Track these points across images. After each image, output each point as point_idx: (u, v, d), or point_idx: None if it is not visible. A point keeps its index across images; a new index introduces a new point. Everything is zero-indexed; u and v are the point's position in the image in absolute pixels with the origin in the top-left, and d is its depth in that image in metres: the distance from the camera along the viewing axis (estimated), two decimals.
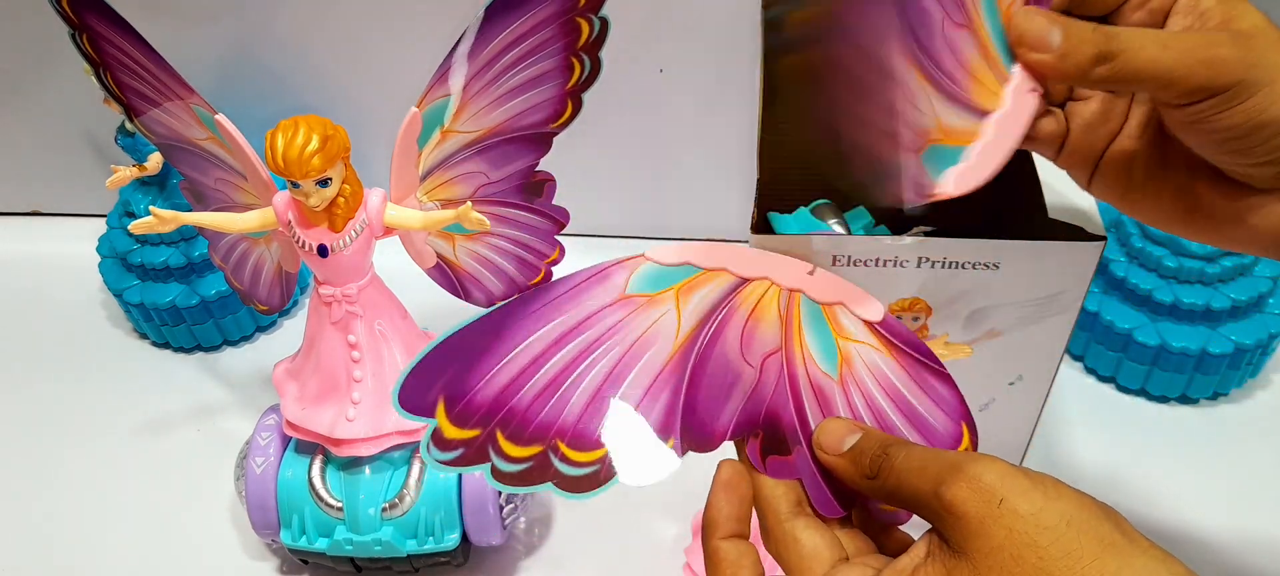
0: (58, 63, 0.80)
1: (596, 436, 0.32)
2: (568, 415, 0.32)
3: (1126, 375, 0.69)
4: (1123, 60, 0.30)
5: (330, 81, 0.79)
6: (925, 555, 0.28)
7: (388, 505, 0.55)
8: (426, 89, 0.49)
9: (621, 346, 0.33)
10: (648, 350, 0.33)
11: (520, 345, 0.32)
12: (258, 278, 0.60)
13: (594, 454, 0.32)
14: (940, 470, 0.28)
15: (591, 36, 0.47)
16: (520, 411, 0.31)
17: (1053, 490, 0.26)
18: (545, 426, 0.32)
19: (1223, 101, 0.30)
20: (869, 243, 0.51)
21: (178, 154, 0.54)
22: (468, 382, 0.32)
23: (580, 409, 0.32)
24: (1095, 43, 0.30)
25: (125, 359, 0.78)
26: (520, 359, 0.32)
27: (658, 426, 0.33)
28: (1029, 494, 0.26)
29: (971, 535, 0.26)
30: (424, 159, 0.51)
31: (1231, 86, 0.29)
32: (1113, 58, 0.30)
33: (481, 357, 0.32)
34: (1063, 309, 0.52)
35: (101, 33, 0.49)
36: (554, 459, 0.31)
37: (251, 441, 0.57)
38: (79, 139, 0.85)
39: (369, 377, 0.53)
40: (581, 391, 0.32)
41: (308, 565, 0.60)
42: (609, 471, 0.32)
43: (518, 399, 0.32)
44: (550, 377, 0.32)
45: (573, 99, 0.49)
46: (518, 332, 0.32)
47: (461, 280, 0.58)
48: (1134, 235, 0.68)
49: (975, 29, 0.31)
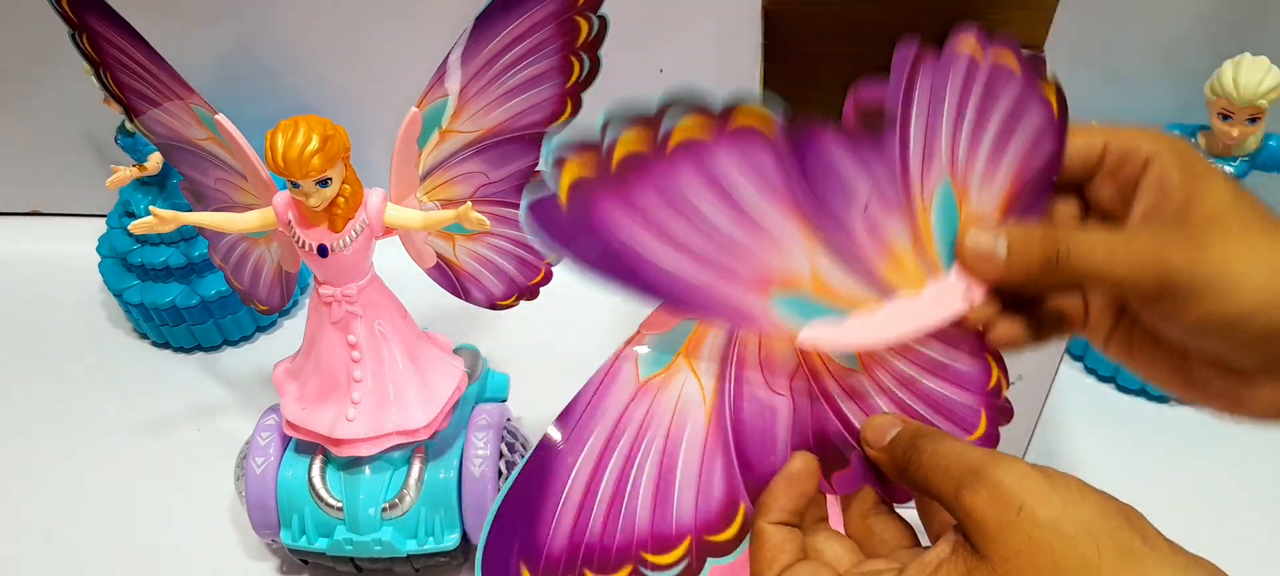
0: (58, 63, 0.80)
1: (674, 533, 0.31)
2: (640, 526, 0.31)
3: (1126, 375, 0.69)
4: (1071, 265, 0.29)
5: (330, 81, 0.79)
6: (950, 552, 0.27)
7: (388, 505, 0.55)
8: (426, 89, 0.49)
9: (660, 435, 0.31)
10: (685, 427, 0.32)
11: (569, 480, 0.30)
12: (258, 277, 0.60)
13: (678, 551, 0.31)
14: (961, 472, 0.28)
15: (590, 35, 0.47)
16: (597, 543, 0.30)
17: (1074, 494, 0.26)
18: (625, 547, 0.31)
19: (1178, 304, 0.29)
20: None
21: (178, 154, 0.54)
22: (538, 538, 0.30)
23: (649, 514, 0.31)
24: (1042, 250, 0.29)
25: (125, 359, 0.78)
26: (575, 493, 0.30)
27: (723, 497, 0.31)
28: (1048, 499, 0.26)
29: (990, 540, 0.26)
30: (424, 159, 0.51)
31: (1184, 290, 0.28)
32: (1060, 262, 0.29)
33: (540, 508, 0.30)
34: None
35: (101, 33, 0.49)
36: (646, 572, 0.31)
37: (251, 441, 0.57)
38: (79, 139, 0.85)
39: (369, 378, 0.53)
40: (643, 497, 0.31)
41: (308, 565, 0.60)
42: (698, 561, 0.31)
43: (589, 532, 0.30)
44: (609, 497, 0.31)
45: (572, 98, 0.49)
46: (561, 469, 0.31)
47: (461, 280, 0.58)
48: None
49: (914, 217, 0.30)
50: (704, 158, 0.26)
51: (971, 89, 0.31)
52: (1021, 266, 0.30)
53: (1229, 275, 0.28)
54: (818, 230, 0.29)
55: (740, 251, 0.28)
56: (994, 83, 0.31)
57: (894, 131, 0.29)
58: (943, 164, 0.30)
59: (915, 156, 0.30)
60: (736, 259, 0.28)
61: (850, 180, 0.28)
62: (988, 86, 0.31)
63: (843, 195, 0.28)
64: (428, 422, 0.54)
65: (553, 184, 0.24)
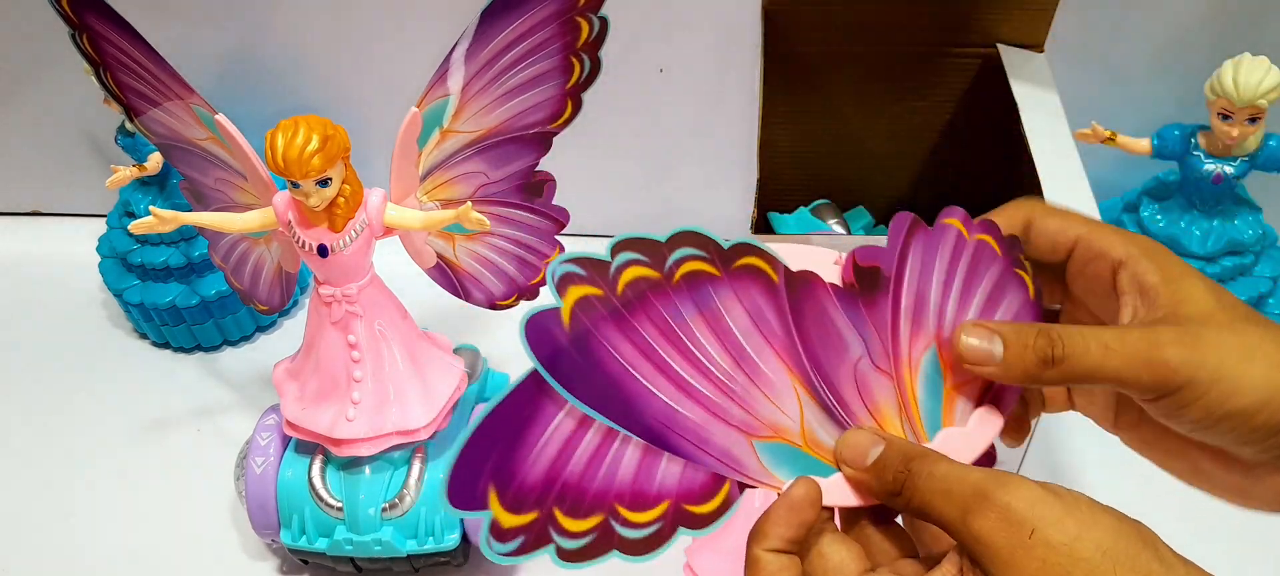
0: (58, 63, 0.80)
1: (654, 493, 0.30)
2: (621, 478, 0.30)
3: None
4: (1068, 365, 0.29)
5: (330, 81, 0.79)
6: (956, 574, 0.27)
7: (388, 505, 0.55)
8: (426, 89, 0.48)
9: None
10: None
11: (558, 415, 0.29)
12: (258, 278, 0.60)
13: (654, 513, 0.30)
14: (966, 496, 0.27)
15: (591, 36, 0.47)
16: (573, 483, 0.29)
17: (1087, 515, 0.26)
18: (601, 494, 0.30)
19: (1176, 401, 0.29)
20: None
21: (178, 154, 0.54)
22: (514, 464, 0.29)
23: (634, 470, 0.30)
24: (1039, 349, 0.29)
25: (125, 359, 0.77)
26: (562, 430, 0.29)
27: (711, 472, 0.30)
28: (1062, 523, 0.25)
29: (1002, 565, 0.25)
30: (424, 159, 0.51)
31: (1181, 387, 0.28)
32: (1058, 363, 0.29)
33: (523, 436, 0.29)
34: None
35: (101, 33, 0.49)
36: (616, 525, 0.30)
37: (251, 441, 0.57)
38: (79, 139, 0.85)
39: (369, 378, 0.53)
40: (631, 450, 0.30)
41: (308, 565, 0.60)
42: (670, 528, 0.30)
43: (568, 471, 0.29)
44: (597, 444, 0.30)
45: (573, 99, 0.49)
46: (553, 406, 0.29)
47: (461, 280, 0.58)
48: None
49: (902, 382, 0.31)
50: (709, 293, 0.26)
51: (959, 262, 0.31)
52: (1020, 367, 0.30)
53: (1227, 373, 0.28)
54: (809, 382, 0.29)
55: (734, 393, 0.29)
56: (978, 259, 0.32)
57: (887, 294, 0.30)
58: (930, 332, 0.31)
59: (905, 321, 0.30)
60: (730, 400, 0.29)
61: (844, 335, 0.29)
62: (973, 262, 0.32)
63: (836, 349, 0.29)
64: (428, 422, 0.54)
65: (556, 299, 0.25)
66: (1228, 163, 0.64)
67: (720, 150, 0.78)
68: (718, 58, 0.73)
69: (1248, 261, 0.67)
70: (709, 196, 0.82)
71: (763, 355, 0.28)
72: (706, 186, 0.82)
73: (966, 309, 0.32)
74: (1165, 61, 0.72)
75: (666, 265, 0.26)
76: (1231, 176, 0.64)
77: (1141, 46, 0.72)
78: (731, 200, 0.73)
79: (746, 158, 0.54)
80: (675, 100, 0.76)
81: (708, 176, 0.81)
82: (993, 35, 0.63)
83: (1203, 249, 0.66)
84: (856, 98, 0.69)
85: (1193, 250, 0.66)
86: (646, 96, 0.76)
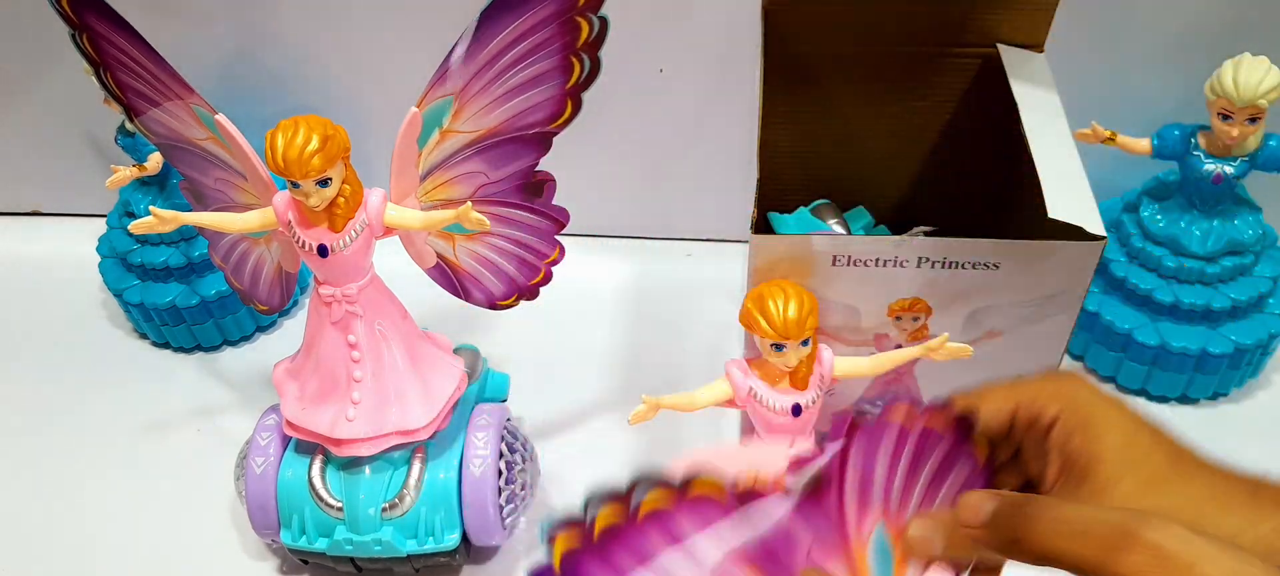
0: (58, 63, 0.80)
1: None
2: None
3: (1126, 375, 0.69)
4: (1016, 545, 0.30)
5: (330, 81, 0.79)
6: None
7: (388, 505, 0.55)
8: (426, 89, 0.48)
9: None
10: None
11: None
12: (258, 278, 0.60)
13: None
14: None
15: (591, 36, 0.47)
16: None
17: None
18: None
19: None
20: (869, 243, 0.51)
21: (178, 154, 0.54)
22: None
23: None
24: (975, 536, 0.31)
25: (125, 359, 0.78)
26: None
27: None
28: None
29: None
30: (424, 159, 0.51)
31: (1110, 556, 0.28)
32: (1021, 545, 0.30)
33: None
34: (1063, 309, 0.52)
35: (101, 33, 0.49)
36: None
37: (251, 441, 0.57)
38: (79, 139, 0.85)
39: (369, 378, 0.53)
40: None
41: (308, 565, 0.60)
42: None
43: None
44: None
45: (572, 99, 0.49)
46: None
47: (461, 280, 0.58)
48: (1134, 235, 0.68)
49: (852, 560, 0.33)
50: (668, 523, 0.30)
51: (902, 451, 0.33)
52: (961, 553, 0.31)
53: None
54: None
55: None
56: (924, 440, 0.34)
57: (831, 488, 0.32)
58: (876, 510, 0.33)
59: (851, 503, 0.32)
60: None
61: (794, 532, 0.32)
62: (918, 444, 0.34)
63: (787, 544, 0.32)
64: (428, 422, 0.54)
65: (548, 557, 0.29)
66: (1228, 163, 0.64)
67: (720, 150, 0.78)
68: (718, 58, 0.73)
69: (1248, 261, 0.67)
70: (709, 196, 0.82)
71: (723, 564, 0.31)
72: (706, 186, 0.82)
73: (912, 489, 0.34)
74: (1165, 62, 0.72)
75: (630, 507, 0.30)
76: (1231, 176, 0.64)
77: (1141, 46, 0.72)
78: (731, 200, 0.73)
79: (746, 158, 0.54)
80: (675, 100, 0.76)
81: (708, 176, 0.81)
82: (993, 35, 0.63)
83: (1203, 249, 0.66)
84: (856, 98, 0.69)
85: (1193, 250, 0.66)
86: (646, 96, 0.76)
